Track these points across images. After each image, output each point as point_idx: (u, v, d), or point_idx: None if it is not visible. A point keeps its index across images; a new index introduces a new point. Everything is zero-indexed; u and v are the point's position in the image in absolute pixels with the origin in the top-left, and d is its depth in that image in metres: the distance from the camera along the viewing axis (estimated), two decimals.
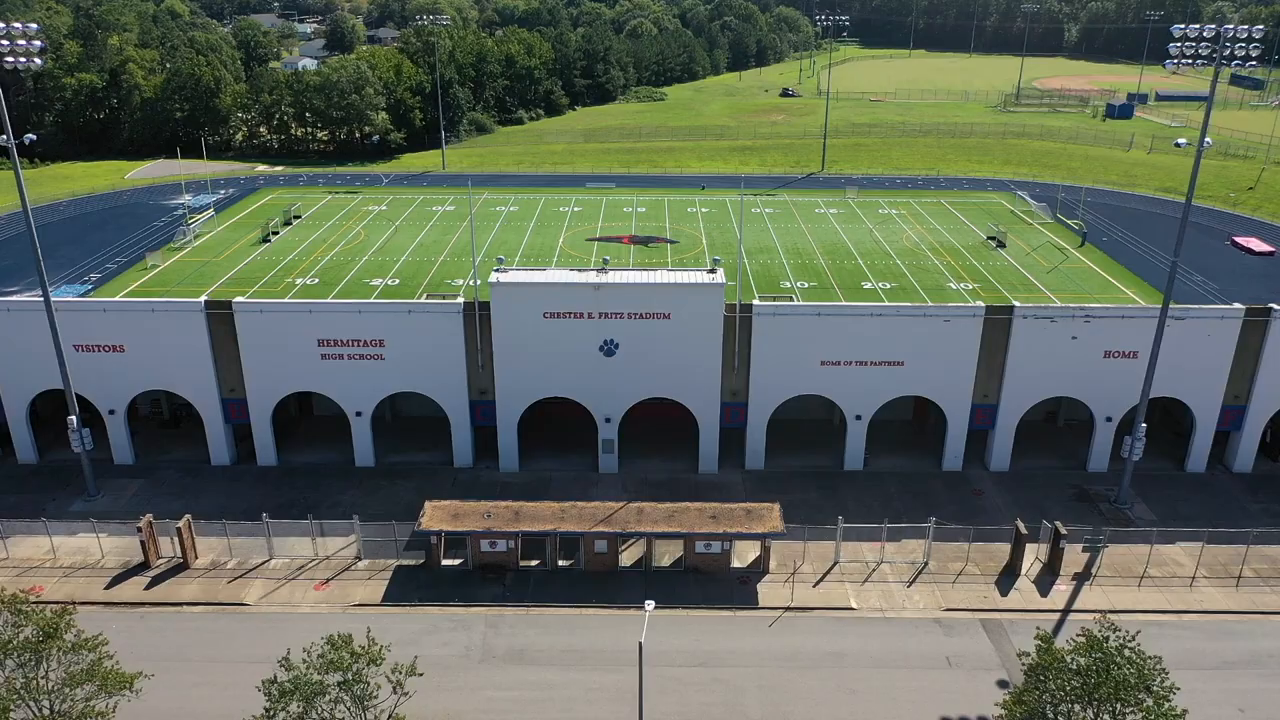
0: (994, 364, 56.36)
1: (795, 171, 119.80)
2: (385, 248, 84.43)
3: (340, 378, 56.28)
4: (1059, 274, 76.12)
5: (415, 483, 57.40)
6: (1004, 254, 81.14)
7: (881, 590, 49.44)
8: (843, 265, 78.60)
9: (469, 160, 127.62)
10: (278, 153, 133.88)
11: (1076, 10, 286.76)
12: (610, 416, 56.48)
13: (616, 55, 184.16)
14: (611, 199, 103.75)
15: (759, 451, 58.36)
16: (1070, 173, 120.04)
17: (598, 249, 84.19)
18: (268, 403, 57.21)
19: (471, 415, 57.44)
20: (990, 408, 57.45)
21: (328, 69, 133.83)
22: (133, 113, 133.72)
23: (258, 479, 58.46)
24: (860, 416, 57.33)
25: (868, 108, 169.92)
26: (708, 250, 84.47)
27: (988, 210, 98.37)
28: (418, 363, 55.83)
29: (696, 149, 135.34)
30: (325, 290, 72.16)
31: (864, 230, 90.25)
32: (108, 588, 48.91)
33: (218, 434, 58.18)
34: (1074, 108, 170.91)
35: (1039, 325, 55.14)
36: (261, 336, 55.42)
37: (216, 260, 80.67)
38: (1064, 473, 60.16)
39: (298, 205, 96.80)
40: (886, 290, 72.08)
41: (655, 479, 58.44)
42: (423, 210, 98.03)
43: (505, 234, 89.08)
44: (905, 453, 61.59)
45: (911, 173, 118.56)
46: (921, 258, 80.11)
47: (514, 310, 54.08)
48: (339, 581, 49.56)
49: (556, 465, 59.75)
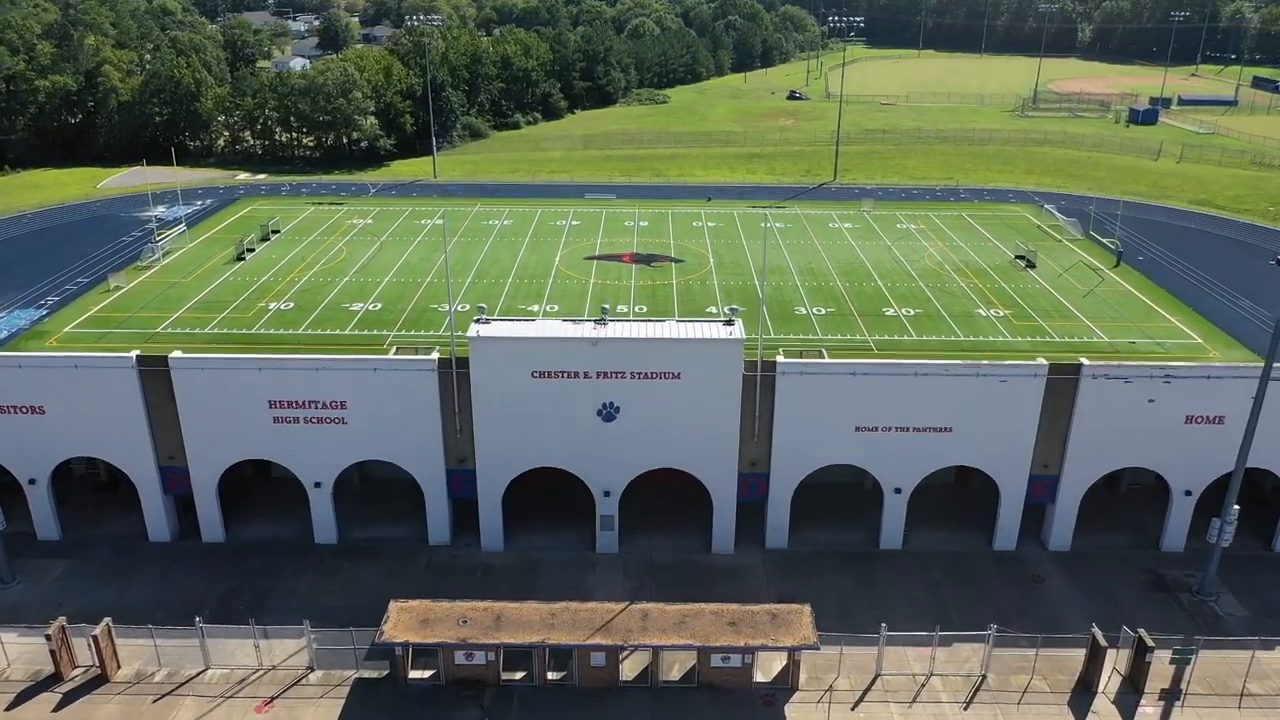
0: (1057, 430, 47.45)
1: (806, 181, 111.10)
2: (368, 267, 76.92)
3: (296, 444, 47.33)
4: (1095, 299, 69.35)
5: (383, 564, 48.60)
6: (1034, 275, 74.66)
7: (933, 712, 40.75)
8: (861, 288, 71.65)
9: (462, 168, 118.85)
10: (262, 159, 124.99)
11: (1090, 10, 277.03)
12: (610, 490, 47.60)
13: (617, 56, 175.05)
14: (611, 212, 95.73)
15: (781, 528, 49.39)
16: (1096, 183, 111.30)
17: (597, 268, 76.37)
18: (212, 472, 48.34)
19: (449, 486, 48.56)
20: (1050, 479, 48.55)
21: (314, 71, 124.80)
22: (109, 117, 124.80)
23: (201, 559, 49.62)
24: (900, 490, 48.41)
25: (879, 111, 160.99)
26: (715, 270, 76.29)
27: (1013, 225, 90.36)
28: (386, 427, 46.87)
29: (701, 156, 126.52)
30: (301, 316, 64.86)
31: (882, 248, 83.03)
32: (9, 708, 40.22)
33: (155, 507, 49.29)
34: (1095, 113, 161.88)
35: (1111, 386, 46.17)
36: (203, 397, 46.50)
37: (185, 281, 73.22)
38: (1134, 553, 51.16)
39: (276, 219, 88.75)
40: (910, 317, 65.82)
41: (662, 561, 49.59)
42: (410, 224, 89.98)
43: (497, 251, 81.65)
44: (948, 524, 52.72)
45: (929, 182, 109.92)
46: (946, 279, 73.71)
47: (497, 369, 45.15)
48: (286, 701, 40.82)
49: (547, 542, 50.85)
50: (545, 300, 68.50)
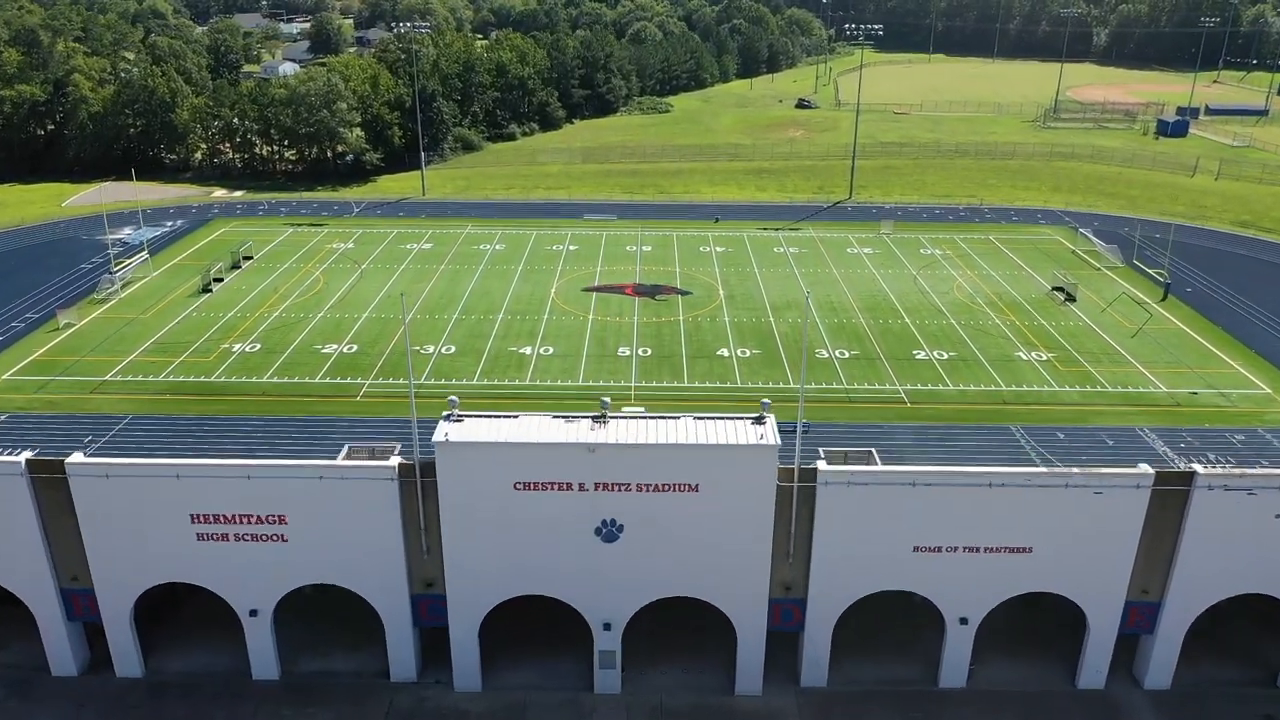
0: (1160, 550, 39.41)
1: (820, 199, 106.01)
2: (346, 300, 72.06)
3: (226, 566, 38.75)
4: (1145, 339, 64.71)
5: (334, 708, 39.79)
6: (1075, 310, 70.57)
7: None
8: (887, 326, 67.34)
9: (453, 183, 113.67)
10: (241, 174, 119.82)
11: (1106, 14, 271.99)
12: (611, 623, 39.59)
13: (618, 62, 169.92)
14: (612, 235, 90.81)
15: (820, 663, 40.61)
16: (1130, 202, 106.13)
17: (597, 301, 71.56)
18: (124, 597, 40.17)
19: (414, 613, 40.27)
20: (1150, 606, 40.29)
21: (295, 81, 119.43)
22: (79, 128, 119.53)
23: (114, 700, 39.34)
24: (966, 620, 40.60)
25: (893, 122, 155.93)
26: (726, 304, 71.44)
27: (1045, 251, 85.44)
28: (335, 546, 38.08)
29: (708, 171, 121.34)
30: (268, 360, 60.39)
31: (906, 277, 78.21)
32: None
33: (57, 636, 40.37)
34: (1120, 123, 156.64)
35: (1230, 499, 38.75)
36: (110, 510, 38.06)
37: (143, 318, 68.45)
38: (1247, 691, 42.41)
39: (249, 244, 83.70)
40: (943, 361, 61.62)
41: (675, 704, 40.23)
42: (395, 249, 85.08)
43: (488, 281, 76.88)
44: (1021, 654, 44.02)
45: (951, 201, 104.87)
46: (979, 315, 69.39)
47: (471, 480, 36.82)
48: None
49: (536, 678, 40.90)
50: (539, 341, 63.47)
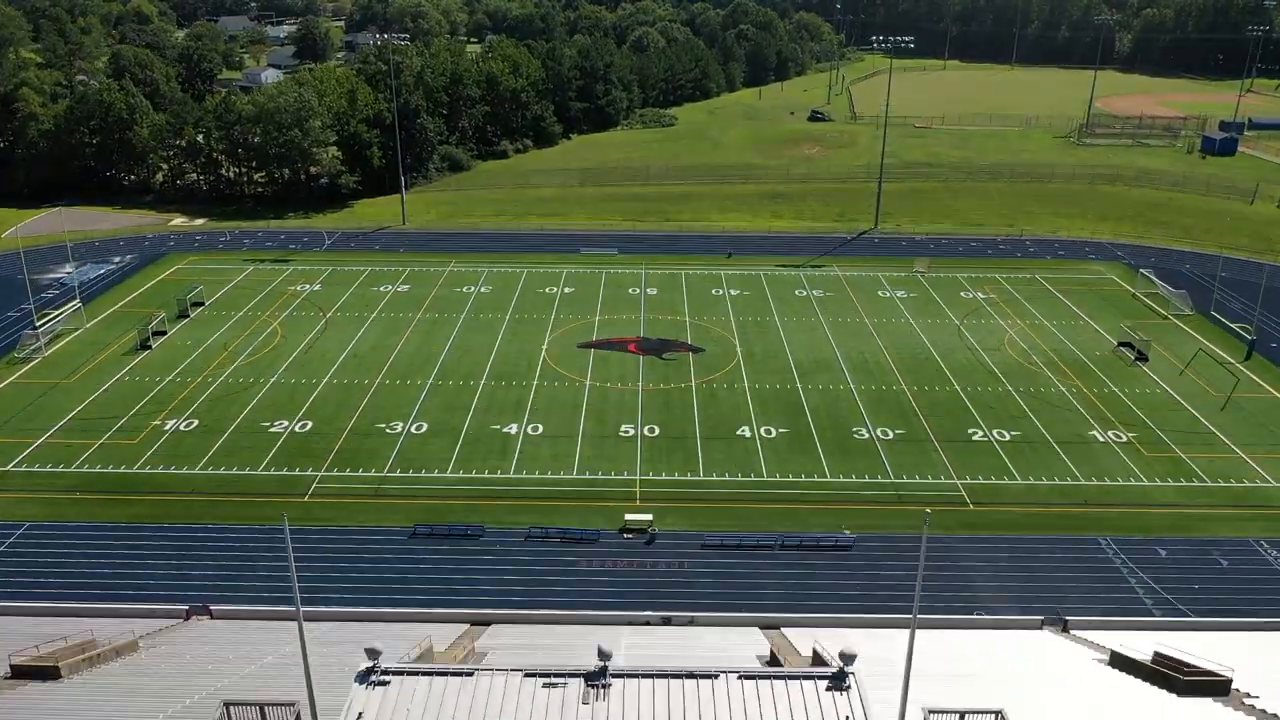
0: None
1: (842, 229, 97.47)
2: (305, 360, 64.07)
3: None
4: (1238, 412, 57.80)
5: None
6: (1147, 371, 63.36)
7: None
8: (934, 395, 60.16)
9: (437, 209, 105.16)
10: (206, 197, 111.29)
11: (1129, 19, 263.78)
12: None
13: (618, 72, 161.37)
14: (612, 273, 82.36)
15: None
16: (1185, 232, 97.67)
17: (594, 361, 63.43)
18: None
19: None
20: None
21: (264, 96, 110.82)
22: (29, 148, 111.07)
23: None
24: None
25: (915, 137, 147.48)
26: (744, 364, 63.05)
27: (1102, 294, 77.21)
28: None
29: (717, 195, 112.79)
30: (204, 442, 52.93)
31: (949, 328, 70.37)
32: None
33: None
34: (1160, 139, 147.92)
35: None
36: None
37: (67, 383, 61.16)
38: None
39: (199, 289, 74.94)
40: (1005, 444, 55.26)
41: None
42: (366, 292, 76.68)
43: (469, 334, 68.77)
44: None
45: (987, 231, 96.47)
46: (1039, 380, 62.08)
47: None
48: None
49: None
50: (526, 416, 55.15)
